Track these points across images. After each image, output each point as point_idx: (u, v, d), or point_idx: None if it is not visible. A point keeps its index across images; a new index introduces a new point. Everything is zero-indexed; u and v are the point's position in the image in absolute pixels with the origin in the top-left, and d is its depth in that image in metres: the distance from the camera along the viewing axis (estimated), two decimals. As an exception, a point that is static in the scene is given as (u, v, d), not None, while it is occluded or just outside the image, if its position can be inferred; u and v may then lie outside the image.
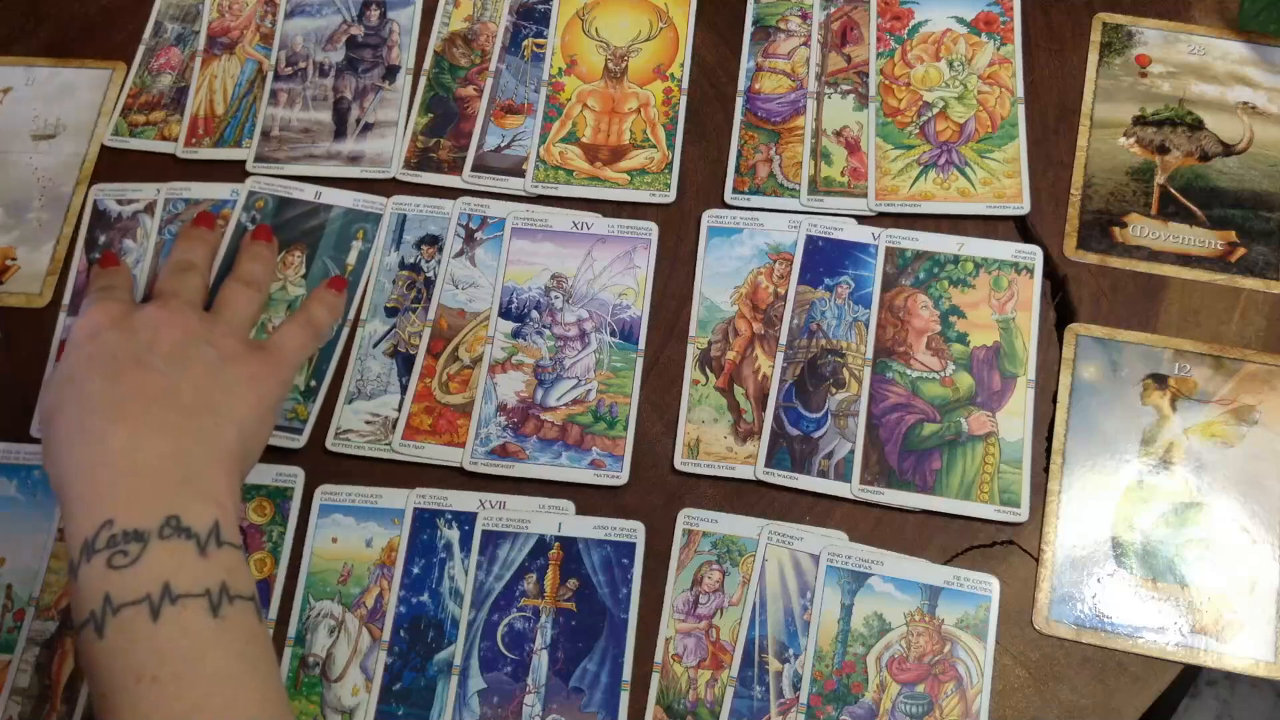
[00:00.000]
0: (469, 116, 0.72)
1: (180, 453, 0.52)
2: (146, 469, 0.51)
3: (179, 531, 0.49)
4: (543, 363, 0.66)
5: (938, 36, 0.72)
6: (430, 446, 0.64)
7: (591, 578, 0.61)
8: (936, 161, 0.69)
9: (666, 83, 0.73)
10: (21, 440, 0.65)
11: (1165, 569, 0.60)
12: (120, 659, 0.46)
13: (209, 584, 0.48)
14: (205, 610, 0.48)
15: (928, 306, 0.65)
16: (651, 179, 0.70)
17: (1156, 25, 0.72)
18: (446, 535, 0.62)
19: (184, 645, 0.47)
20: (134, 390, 0.53)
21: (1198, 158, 0.68)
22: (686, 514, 0.62)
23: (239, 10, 0.77)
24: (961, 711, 0.57)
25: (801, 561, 0.60)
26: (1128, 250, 0.66)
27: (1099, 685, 0.58)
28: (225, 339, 0.58)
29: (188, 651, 0.47)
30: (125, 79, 0.75)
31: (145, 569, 0.48)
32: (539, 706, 0.59)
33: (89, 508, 0.49)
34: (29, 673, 0.61)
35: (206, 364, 0.56)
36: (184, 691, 0.46)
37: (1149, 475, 0.61)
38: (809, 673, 0.58)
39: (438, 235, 0.69)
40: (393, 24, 0.76)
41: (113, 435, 0.51)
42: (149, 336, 0.56)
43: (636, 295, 0.67)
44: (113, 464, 0.50)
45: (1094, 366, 0.64)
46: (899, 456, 0.62)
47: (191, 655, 0.47)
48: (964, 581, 0.59)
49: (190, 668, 0.46)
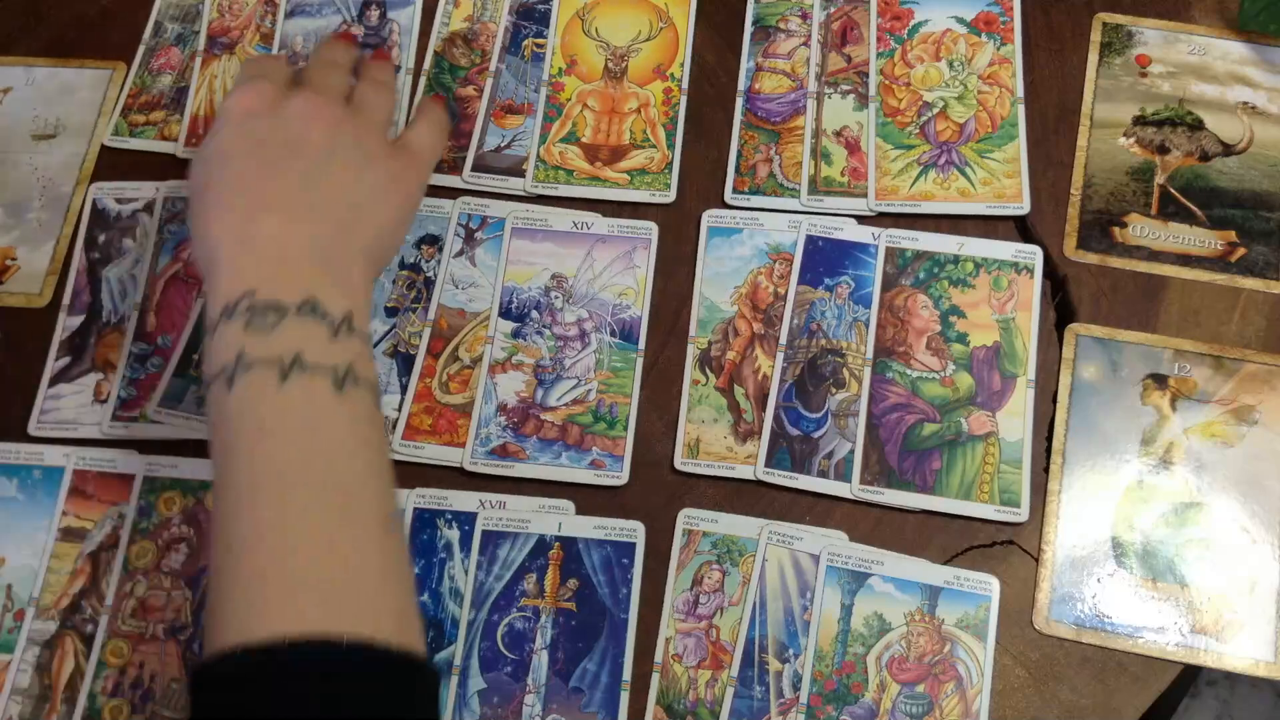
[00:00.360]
0: (469, 116, 0.72)
1: (323, 242, 0.54)
2: (290, 253, 0.53)
3: (314, 312, 0.51)
4: (543, 363, 0.66)
5: (938, 36, 0.72)
6: (430, 446, 0.64)
7: (591, 578, 0.61)
8: (936, 161, 0.69)
9: (666, 83, 0.73)
10: (21, 440, 0.66)
11: (1165, 569, 0.60)
12: (246, 412, 0.49)
13: (336, 363, 0.51)
14: (329, 385, 0.50)
15: (928, 306, 0.65)
16: (651, 179, 0.70)
17: (1156, 25, 0.72)
18: (446, 535, 0.62)
19: (305, 409, 0.49)
20: (284, 178, 0.55)
21: (1198, 158, 0.68)
22: (686, 514, 0.62)
23: (239, 10, 0.77)
24: (961, 711, 0.57)
25: (801, 561, 0.60)
26: (1128, 250, 0.66)
27: (1099, 685, 0.58)
28: (369, 138, 0.59)
29: (308, 415, 0.49)
30: (125, 79, 0.75)
31: (280, 337, 0.50)
32: (539, 706, 0.59)
33: (233, 277, 0.52)
34: (29, 673, 0.61)
35: (352, 162, 0.57)
36: (300, 449, 0.49)
37: (1149, 475, 0.61)
38: (809, 673, 0.58)
39: (437, 235, 0.69)
40: (392, 24, 0.76)
41: (262, 218, 0.54)
42: (300, 127, 0.57)
43: (636, 295, 0.67)
44: (260, 244, 0.53)
45: (1094, 366, 0.64)
46: (899, 456, 0.62)
47: (310, 418, 0.49)
48: (964, 581, 0.59)
49: (308, 429, 0.49)
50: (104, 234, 0.71)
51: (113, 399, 0.66)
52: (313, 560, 0.47)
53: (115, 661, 0.61)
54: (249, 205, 0.54)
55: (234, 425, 0.49)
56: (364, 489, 0.50)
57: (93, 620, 0.61)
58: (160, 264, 0.69)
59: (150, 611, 0.61)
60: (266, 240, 0.53)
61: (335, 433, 0.50)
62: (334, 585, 0.47)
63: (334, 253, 0.55)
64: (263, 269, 0.52)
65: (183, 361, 0.66)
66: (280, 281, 0.52)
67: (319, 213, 0.55)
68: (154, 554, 0.63)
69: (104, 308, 0.69)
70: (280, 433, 0.49)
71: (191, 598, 0.62)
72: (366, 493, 0.50)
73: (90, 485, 0.64)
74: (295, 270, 0.53)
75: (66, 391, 0.67)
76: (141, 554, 0.63)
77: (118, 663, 0.61)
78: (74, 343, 0.68)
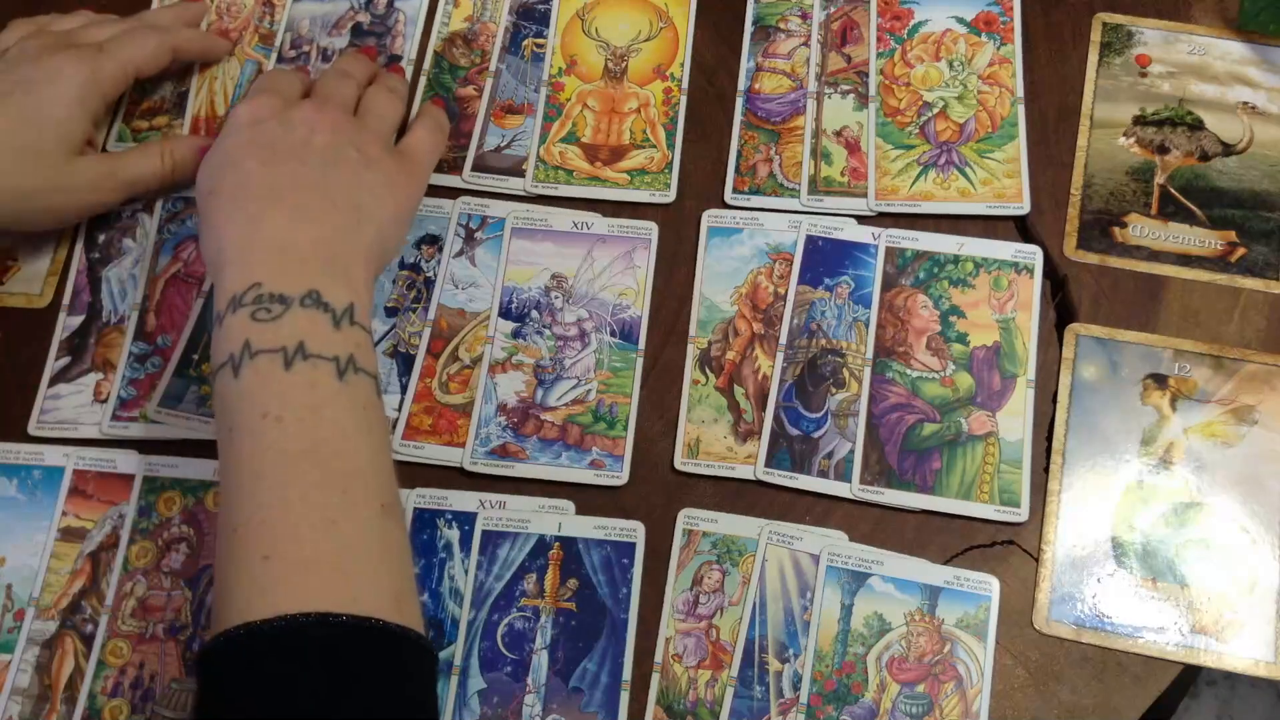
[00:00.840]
0: (469, 116, 0.72)
1: (326, 240, 0.56)
2: (295, 249, 0.55)
3: (318, 304, 0.54)
4: (543, 363, 0.66)
5: (938, 36, 0.72)
6: (430, 446, 0.64)
7: (591, 578, 0.61)
8: (936, 161, 0.69)
9: (666, 83, 0.73)
10: (21, 440, 0.66)
11: (1165, 569, 0.60)
12: (251, 398, 0.51)
13: (338, 352, 0.53)
14: (332, 373, 0.52)
15: (928, 306, 0.65)
16: (651, 179, 0.70)
17: (1156, 25, 0.72)
18: (446, 535, 0.62)
19: (309, 395, 0.51)
20: (289, 180, 0.58)
21: (1198, 158, 0.68)
22: (686, 514, 0.62)
23: (237, 12, 0.77)
24: (961, 711, 0.57)
25: (801, 561, 0.60)
26: (1128, 250, 0.66)
27: (1099, 685, 0.58)
28: (371, 143, 0.62)
29: (311, 401, 0.51)
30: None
31: (284, 326, 0.52)
32: (539, 706, 0.59)
33: (240, 271, 0.54)
34: (29, 673, 0.61)
35: (353, 165, 0.60)
36: (303, 432, 0.51)
37: (1149, 475, 0.61)
38: (809, 673, 0.58)
39: (437, 235, 0.69)
40: (399, 13, 0.76)
41: (269, 217, 0.56)
42: (304, 133, 0.59)
43: (636, 295, 0.67)
44: (266, 241, 0.55)
45: (1094, 366, 0.64)
46: (899, 456, 0.62)
47: (314, 404, 0.51)
48: (964, 581, 0.59)
49: (311, 413, 0.51)
50: (104, 234, 0.71)
51: (113, 399, 0.66)
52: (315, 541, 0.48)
53: (115, 661, 0.61)
54: (256, 206, 0.56)
55: (239, 411, 0.51)
56: (365, 473, 0.51)
57: (93, 620, 0.61)
58: (160, 264, 0.69)
59: (150, 611, 0.61)
60: (272, 238, 0.55)
61: (338, 418, 0.52)
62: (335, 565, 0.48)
63: (337, 250, 0.57)
64: (269, 264, 0.54)
65: (182, 361, 0.66)
66: (285, 275, 0.54)
67: (322, 212, 0.57)
68: (154, 554, 0.62)
69: (104, 308, 0.69)
70: (285, 417, 0.50)
71: (191, 598, 0.62)
72: (367, 477, 0.51)
73: (90, 485, 0.64)
74: (300, 265, 0.55)
75: (66, 391, 0.67)
76: (141, 554, 0.63)
77: (118, 663, 0.61)
78: (74, 343, 0.68)
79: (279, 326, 0.52)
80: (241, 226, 0.56)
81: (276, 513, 0.49)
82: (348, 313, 0.54)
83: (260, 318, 0.52)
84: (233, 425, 0.51)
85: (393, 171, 0.62)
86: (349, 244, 0.57)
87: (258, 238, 0.55)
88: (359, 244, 0.58)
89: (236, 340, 0.52)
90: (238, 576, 0.48)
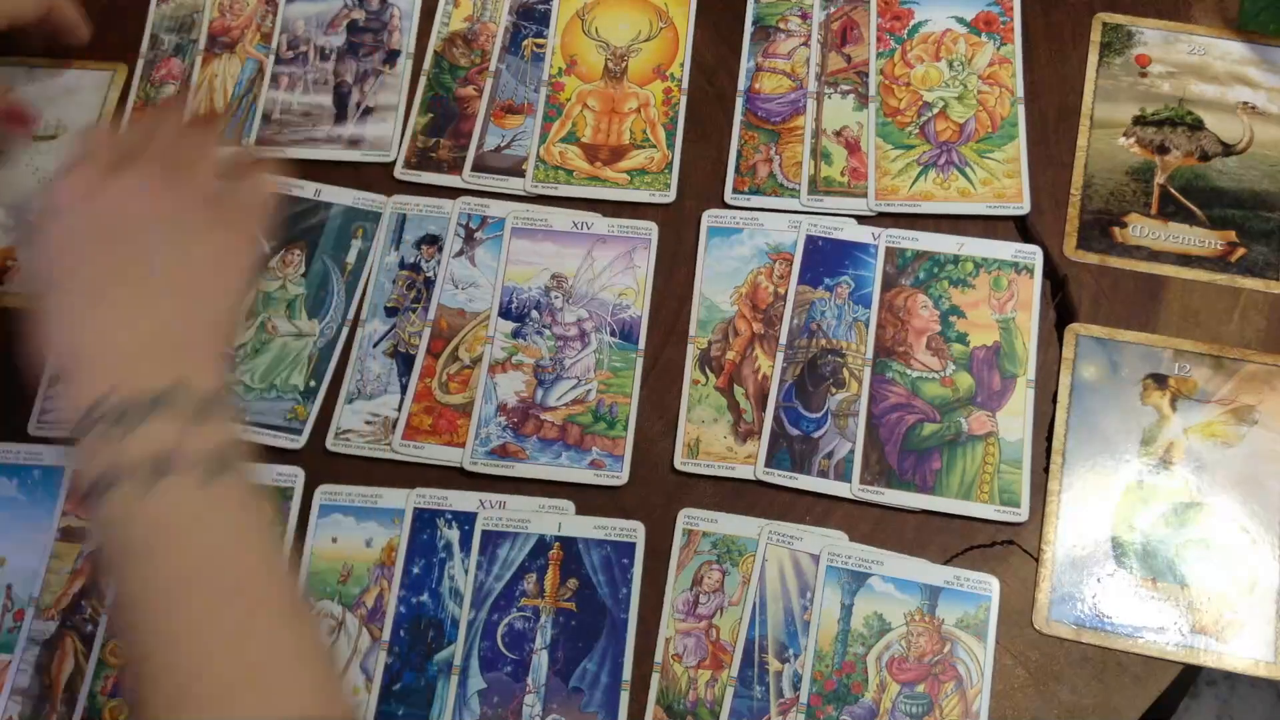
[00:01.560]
0: (469, 116, 0.72)
1: (159, 330, 0.53)
2: (128, 349, 0.52)
3: (171, 403, 0.49)
4: (543, 363, 0.66)
5: (938, 36, 0.72)
6: (430, 446, 0.64)
7: (591, 578, 0.61)
8: (936, 161, 0.69)
9: (666, 83, 0.73)
10: (21, 440, 0.66)
11: (1165, 569, 0.60)
12: (123, 527, 0.48)
13: (202, 457, 0.49)
14: (195, 482, 0.48)
15: (928, 306, 0.65)
16: (651, 179, 0.70)
17: (1156, 25, 0.72)
18: (446, 535, 0.62)
19: (176, 517, 0.48)
20: (107, 272, 0.53)
21: (1198, 158, 0.68)
22: (686, 514, 0.62)
23: (239, 10, 0.77)
24: (961, 711, 0.57)
25: (801, 561, 0.60)
26: (1128, 250, 0.66)
27: (1099, 685, 0.58)
28: (189, 212, 0.56)
29: (180, 523, 0.48)
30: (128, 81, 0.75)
31: (139, 442, 0.48)
32: (539, 706, 0.59)
33: (87, 381, 0.50)
34: (29, 673, 0.61)
35: (177, 241, 0.55)
36: (180, 561, 0.48)
37: (1149, 475, 0.61)
38: (809, 673, 0.58)
39: (438, 235, 0.69)
40: (393, 9, 0.76)
41: (92, 318, 0.52)
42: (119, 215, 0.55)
43: (636, 295, 0.67)
44: (95, 345, 0.52)
45: (1094, 366, 0.64)
46: (899, 456, 0.62)
47: (183, 526, 0.48)
48: (964, 581, 0.59)
49: (183, 538, 0.48)
50: (104, 234, 0.70)
51: (112, 399, 0.66)
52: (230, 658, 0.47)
53: (115, 661, 0.61)
54: (79, 307, 0.53)
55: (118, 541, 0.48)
56: (260, 577, 0.49)
57: (93, 620, 0.61)
58: (160, 264, 0.69)
59: (150, 611, 0.61)
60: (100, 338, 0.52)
61: (214, 531, 0.49)
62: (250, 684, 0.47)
63: (171, 337, 0.53)
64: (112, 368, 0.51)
65: (183, 361, 0.66)
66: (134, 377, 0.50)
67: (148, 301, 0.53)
68: (154, 554, 0.62)
69: (104, 308, 0.69)
70: (157, 549, 0.48)
71: (191, 598, 0.61)
72: (263, 580, 0.49)
73: (90, 485, 0.64)
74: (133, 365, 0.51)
75: (66, 391, 0.67)
76: (141, 554, 0.63)
77: (117, 663, 0.61)
78: (74, 343, 0.68)
79: (134, 444, 0.48)
80: (69, 332, 0.52)
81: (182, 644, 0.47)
82: (200, 407, 0.50)
83: (114, 436, 0.48)
84: (112, 554, 0.48)
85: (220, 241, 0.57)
86: (186, 328, 0.53)
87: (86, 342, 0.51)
88: (196, 324, 0.54)
89: (95, 466, 0.48)
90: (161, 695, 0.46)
